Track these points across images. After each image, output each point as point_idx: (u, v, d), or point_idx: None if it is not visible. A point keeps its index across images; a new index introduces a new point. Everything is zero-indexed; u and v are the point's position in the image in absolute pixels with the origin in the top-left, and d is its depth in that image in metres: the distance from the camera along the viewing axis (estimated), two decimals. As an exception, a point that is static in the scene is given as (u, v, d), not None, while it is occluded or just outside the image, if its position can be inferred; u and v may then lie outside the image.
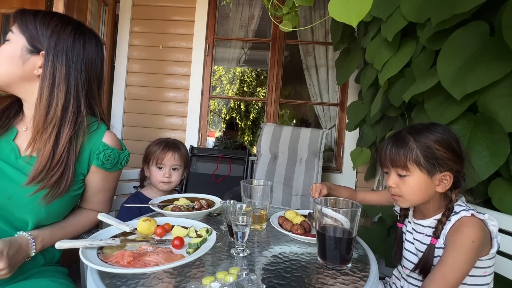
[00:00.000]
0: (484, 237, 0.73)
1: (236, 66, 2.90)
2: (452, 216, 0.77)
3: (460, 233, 0.73)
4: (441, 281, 0.72)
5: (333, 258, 0.67)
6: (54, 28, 0.79)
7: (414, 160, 0.78)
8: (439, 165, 0.77)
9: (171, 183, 1.26)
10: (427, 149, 0.77)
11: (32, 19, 0.77)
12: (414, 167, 0.78)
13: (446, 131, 0.80)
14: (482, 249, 0.74)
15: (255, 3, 2.66)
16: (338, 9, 0.56)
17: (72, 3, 1.93)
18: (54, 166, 0.76)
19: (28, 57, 0.77)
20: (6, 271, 0.66)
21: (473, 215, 0.74)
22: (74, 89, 0.81)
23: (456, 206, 0.78)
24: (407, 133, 0.81)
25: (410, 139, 0.79)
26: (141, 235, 0.73)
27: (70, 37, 0.80)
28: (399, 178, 0.81)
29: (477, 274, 0.77)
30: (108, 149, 0.86)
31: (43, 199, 0.76)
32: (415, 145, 0.78)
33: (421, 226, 0.85)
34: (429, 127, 0.81)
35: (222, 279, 0.57)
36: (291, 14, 1.39)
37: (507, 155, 0.84)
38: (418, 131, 0.80)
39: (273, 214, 0.96)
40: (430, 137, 0.78)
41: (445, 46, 0.99)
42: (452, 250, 0.73)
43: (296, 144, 2.19)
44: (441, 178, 0.78)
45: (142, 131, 2.54)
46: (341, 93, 2.52)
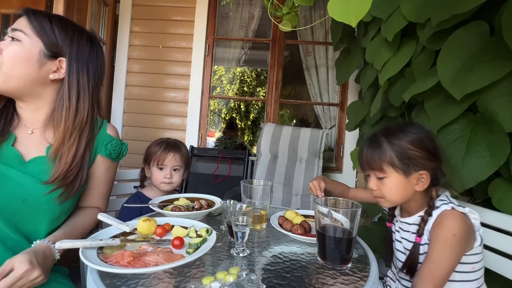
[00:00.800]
0: (466, 230, 0.73)
1: (236, 66, 2.90)
2: (434, 211, 0.78)
3: (441, 227, 0.74)
4: (429, 277, 0.73)
5: (333, 258, 0.67)
6: (72, 36, 0.81)
7: (388, 162, 0.79)
8: (413, 165, 0.78)
9: (172, 183, 1.26)
10: (400, 150, 0.78)
11: (49, 23, 0.78)
12: (390, 169, 0.79)
13: (419, 130, 0.81)
14: (466, 243, 0.75)
15: (255, 3, 2.66)
16: (338, 9, 0.56)
17: (72, 3, 1.93)
18: (72, 168, 0.80)
19: (45, 62, 0.77)
20: (42, 277, 0.67)
21: (453, 208, 0.75)
22: (92, 96, 0.86)
23: (438, 201, 0.79)
24: (382, 135, 0.83)
25: (384, 141, 0.81)
26: (141, 235, 0.73)
27: (87, 47, 0.85)
28: (378, 180, 0.82)
29: (465, 270, 0.78)
30: (114, 139, 0.92)
31: (57, 198, 0.79)
32: (388, 147, 0.79)
33: (406, 224, 0.86)
34: (402, 127, 0.82)
35: (222, 279, 0.57)
36: (291, 14, 1.39)
37: (507, 155, 0.84)
38: (392, 133, 0.82)
39: (273, 214, 0.96)
40: (404, 137, 0.79)
41: (445, 46, 0.99)
42: (435, 245, 0.75)
43: (296, 144, 2.19)
44: (418, 177, 0.79)
45: (142, 131, 2.54)
46: (341, 93, 2.52)
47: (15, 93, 0.79)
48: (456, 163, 0.91)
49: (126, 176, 1.36)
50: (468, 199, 1.10)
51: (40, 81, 0.79)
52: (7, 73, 0.74)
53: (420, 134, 0.80)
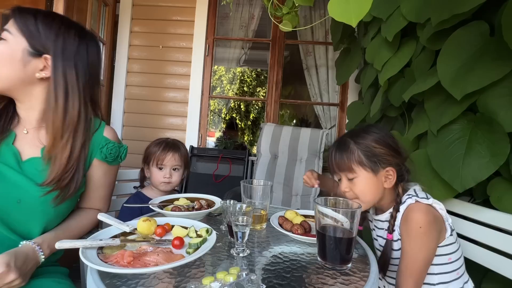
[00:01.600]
0: (432, 220, 0.76)
1: (236, 66, 2.90)
2: (400, 206, 0.81)
3: (408, 221, 0.77)
4: (406, 273, 0.76)
5: (333, 258, 0.67)
6: (58, 31, 0.77)
7: (357, 161, 0.83)
8: (380, 162, 0.82)
9: (172, 183, 1.26)
10: (366, 149, 0.83)
11: (33, 20, 0.75)
12: (359, 168, 0.83)
13: (380, 130, 0.87)
14: (438, 234, 0.77)
15: (255, 3, 2.66)
16: (338, 9, 0.56)
17: (72, 3, 1.93)
18: (68, 170, 0.78)
19: (30, 60, 0.75)
20: (19, 281, 0.66)
21: (417, 201, 0.78)
22: (84, 94, 0.82)
23: (405, 196, 0.83)
24: (347, 137, 0.87)
25: (350, 142, 0.85)
26: (141, 235, 0.73)
27: (75, 42, 0.80)
28: (349, 181, 0.85)
29: (441, 262, 0.80)
30: (110, 142, 0.88)
31: (53, 201, 0.77)
32: (355, 147, 0.84)
33: (380, 221, 0.89)
34: (365, 129, 0.88)
35: (222, 279, 0.57)
36: (291, 14, 1.39)
37: (507, 155, 0.84)
38: (356, 134, 0.87)
39: (273, 214, 0.96)
40: (368, 137, 0.84)
41: (445, 46, 0.99)
42: (405, 239, 0.78)
43: (296, 144, 2.19)
44: (386, 174, 0.83)
45: (142, 131, 2.54)
46: (341, 93, 2.52)
47: (6, 93, 0.78)
48: (456, 163, 0.91)
49: (126, 176, 1.36)
50: (468, 199, 1.10)
51: (28, 80, 0.76)
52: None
53: (382, 132, 0.85)
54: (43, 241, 0.75)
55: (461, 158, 0.91)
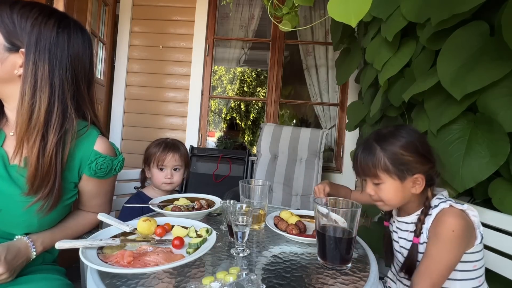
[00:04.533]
0: (466, 226, 0.73)
1: (236, 66, 2.90)
2: (432, 210, 0.78)
3: (440, 224, 0.75)
4: (426, 274, 0.74)
5: (333, 258, 0.67)
6: (34, 22, 0.69)
7: (383, 169, 0.79)
8: (408, 170, 0.78)
9: (173, 183, 1.26)
10: (393, 156, 0.79)
11: (8, 11, 0.68)
12: (385, 175, 0.79)
13: (410, 134, 0.81)
14: (468, 241, 0.75)
15: (255, 3, 2.66)
16: (338, 9, 0.56)
17: (72, 3, 1.93)
18: (45, 175, 0.70)
19: (7, 56, 0.69)
20: (6, 276, 0.65)
21: (451, 205, 0.76)
22: (58, 91, 0.72)
23: (436, 200, 0.80)
24: (374, 141, 0.83)
25: (377, 148, 0.81)
26: (141, 235, 0.73)
27: (53, 32, 0.71)
28: (375, 186, 0.82)
29: (466, 268, 0.78)
30: (100, 157, 0.80)
31: (38, 211, 0.72)
32: (381, 153, 0.79)
33: (404, 223, 0.87)
34: (394, 132, 0.82)
35: (222, 279, 0.57)
36: (291, 14, 1.39)
37: (507, 155, 0.84)
38: (384, 138, 0.82)
39: (268, 215, 0.96)
40: (395, 143, 0.79)
41: (445, 46, 0.99)
42: (433, 241, 0.75)
43: (296, 144, 2.19)
44: (414, 181, 0.79)
45: (142, 131, 2.54)
46: (341, 93, 2.52)
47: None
48: (456, 163, 0.91)
49: (126, 176, 1.36)
50: (468, 199, 1.10)
51: (7, 78, 0.70)
52: None
53: (411, 138, 0.80)
54: (37, 237, 0.75)
55: (461, 158, 0.91)
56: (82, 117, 0.81)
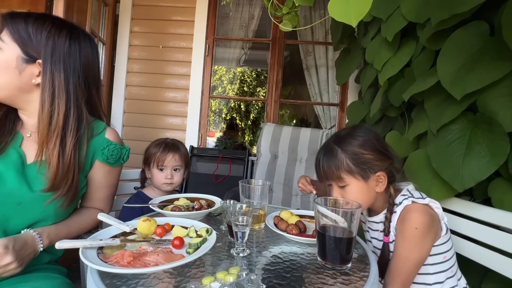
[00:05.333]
0: (430, 221, 0.74)
1: (236, 66, 2.90)
2: (397, 207, 0.79)
3: (404, 222, 0.76)
4: (396, 273, 0.75)
5: (333, 258, 0.67)
6: (48, 34, 0.75)
7: (346, 170, 0.81)
8: (369, 168, 0.80)
9: (174, 183, 1.26)
10: (354, 156, 0.80)
11: (23, 25, 0.73)
12: (349, 176, 0.81)
13: (367, 133, 0.83)
14: (434, 234, 0.76)
15: (255, 3, 2.66)
16: (338, 9, 0.56)
17: (72, 3, 1.93)
18: (65, 175, 0.77)
19: (25, 67, 0.74)
20: (15, 265, 0.66)
21: (413, 202, 0.76)
22: (74, 97, 0.79)
23: (399, 197, 0.81)
24: (334, 143, 0.84)
25: (338, 150, 0.82)
26: (141, 235, 0.73)
27: (66, 43, 0.78)
28: (341, 189, 0.83)
29: (437, 261, 0.79)
30: (111, 144, 0.88)
31: (59, 207, 0.78)
32: (343, 155, 0.81)
33: (374, 223, 0.88)
34: (351, 133, 0.84)
35: (222, 279, 0.57)
36: (291, 14, 1.39)
37: (507, 155, 0.84)
38: (342, 139, 0.83)
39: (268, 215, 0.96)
40: (354, 142, 0.81)
41: (445, 46, 0.99)
42: (399, 240, 0.76)
43: (296, 144, 2.19)
44: (376, 179, 0.81)
45: (142, 131, 2.54)
46: (341, 93, 2.52)
47: (6, 102, 0.78)
48: (456, 163, 0.91)
49: (126, 176, 1.36)
50: (468, 198, 1.10)
51: (25, 88, 0.76)
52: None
53: (368, 136, 0.82)
54: (43, 231, 0.76)
55: (461, 158, 0.91)
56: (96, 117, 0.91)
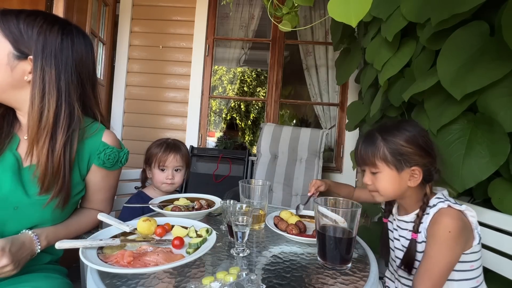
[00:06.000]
0: (463, 227, 0.74)
1: (236, 66, 2.90)
2: (431, 209, 0.79)
3: (437, 225, 0.75)
4: (426, 275, 0.74)
5: (333, 258, 0.67)
6: (39, 30, 0.73)
7: (381, 157, 0.81)
8: (405, 161, 0.80)
9: (174, 184, 1.26)
10: (393, 146, 0.81)
11: (15, 21, 0.72)
12: (383, 164, 0.81)
13: (413, 127, 0.83)
14: (465, 241, 0.75)
15: (255, 3, 2.66)
16: (338, 9, 0.56)
17: (72, 3, 1.93)
18: (55, 174, 0.75)
19: (16, 63, 0.72)
20: (11, 267, 0.66)
21: (449, 206, 0.76)
22: (65, 94, 0.77)
23: (434, 199, 0.80)
24: (377, 131, 0.85)
25: (378, 137, 0.83)
26: (141, 235, 0.73)
27: (57, 38, 0.76)
28: (372, 175, 0.85)
29: (464, 268, 0.78)
30: (108, 148, 0.86)
31: (56, 207, 0.77)
32: (382, 143, 0.82)
33: (404, 222, 0.87)
34: (398, 125, 0.84)
35: (222, 279, 0.57)
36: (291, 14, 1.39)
37: (507, 155, 0.84)
38: (387, 130, 0.84)
39: (268, 215, 0.96)
40: (397, 135, 0.81)
41: (445, 46, 0.99)
42: (431, 242, 0.75)
43: (296, 144, 2.19)
44: (411, 173, 0.81)
45: (142, 131, 2.54)
46: (341, 93, 2.52)
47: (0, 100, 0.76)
48: (456, 163, 0.91)
49: (126, 176, 1.36)
50: (468, 199, 1.10)
51: (18, 85, 0.74)
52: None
53: (414, 131, 0.82)
54: (41, 232, 0.76)
55: (461, 158, 0.91)
56: (90, 116, 0.88)
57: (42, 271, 0.79)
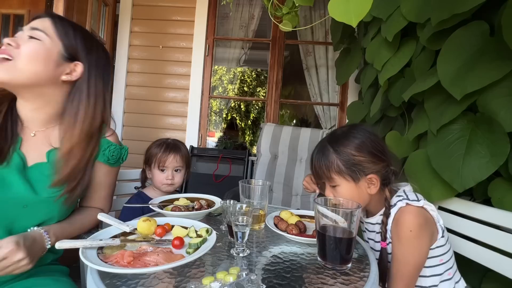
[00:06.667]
0: (423, 223, 0.74)
1: (236, 66, 2.90)
2: (391, 209, 0.78)
3: (398, 225, 0.75)
4: (397, 277, 0.75)
5: (333, 258, 0.67)
6: (91, 45, 0.85)
7: (336, 171, 0.80)
8: (360, 171, 0.79)
9: (174, 184, 1.26)
10: (345, 157, 0.79)
11: (72, 30, 0.81)
12: (339, 177, 0.80)
13: (363, 134, 0.81)
14: (429, 236, 0.75)
15: (255, 3, 2.66)
16: (338, 9, 0.56)
17: (72, 3, 1.93)
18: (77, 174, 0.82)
19: (62, 63, 0.79)
20: (27, 261, 0.67)
21: (408, 204, 0.75)
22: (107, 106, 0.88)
23: (394, 198, 0.80)
24: (328, 142, 0.83)
25: (330, 149, 0.82)
26: (141, 235, 0.73)
27: (104, 57, 0.89)
28: (332, 188, 0.83)
29: (433, 264, 0.78)
30: (112, 145, 0.91)
31: (64, 203, 0.81)
32: (334, 155, 0.80)
33: (370, 224, 0.88)
34: (346, 133, 0.83)
35: (222, 279, 0.57)
36: (291, 14, 1.39)
37: (507, 155, 0.84)
38: (336, 140, 0.82)
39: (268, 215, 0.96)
40: (347, 144, 0.80)
41: (445, 46, 0.99)
42: (396, 243, 0.76)
43: (296, 144, 2.19)
44: (368, 181, 0.80)
45: (142, 131, 2.54)
46: (341, 93, 2.52)
47: (20, 89, 0.78)
48: (456, 163, 0.91)
49: (126, 176, 1.36)
50: (468, 198, 1.10)
51: (52, 80, 0.79)
52: (21, 68, 0.73)
53: (363, 137, 0.81)
54: (49, 229, 0.78)
55: (461, 158, 0.91)
56: None
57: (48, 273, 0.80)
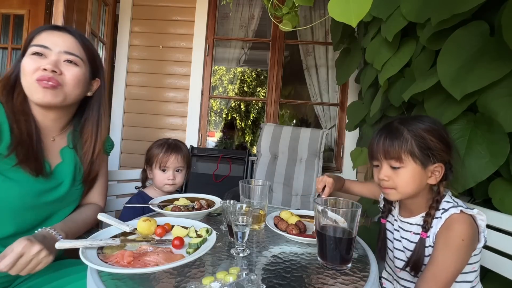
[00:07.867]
0: (473, 233, 0.72)
1: (236, 66, 2.90)
2: (442, 213, 0.76)
3: (450, 231, 0.73)
4: (432, 281, 0.72)
5: (333, 258, 0.67)
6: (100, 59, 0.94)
7: (409, 151, 0.76)
8: (432, 156, 0.75)
9: (176, 184, 1.26)
10: (421, 139, 0.76)
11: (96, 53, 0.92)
12: (409, 159, 0.76)
13: (435, 122, 0.79)
14: (472, 246, 0.74)
15: (255, 3, 2.66)
16: (338, 9, 0.56)
17: (72, 3, 1.93)
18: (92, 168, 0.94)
19: (89, 82, 0.90)
20: (46, 253, 0.68)
21: (462, 211, 0.73)
22: None
23: (444, 203, 0.78)
24: (399, 123, 0.79)
25: (404, 129, 0.77)
26: (141, 235, 0.73)
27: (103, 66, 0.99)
28: (392, 170, 0.79)
29: (466, 270, 0.77)
30: None
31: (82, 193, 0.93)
32: (409, 135, 0.76)
33: (408, 224, 0.85)
34: (418, 118, 0.80)
35: (222, 279, 0.57)
36: (291, 14, 1.39)
37: (507, 155, 0.84)
38: (409, 122, 0.79)
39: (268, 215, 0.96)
40: (422, 127, 0.77)
41: (445, 46, 0.99)
42: (442, 248, 0.73)
43: (296, 144, 2.19)
44: (433, 170, 0.77)
45: (142, 131, 2.54)
46: (341, 93, 2.52)
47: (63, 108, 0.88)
48: (456, 163, 0.91)
49: (126, 176, 1.36)
50: (468, 199, 1.10)
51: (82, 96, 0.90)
52: (69, 93, 0.83)
53: (437, 125, 0.78)
54: (55, 227, 0.79)
55: (461, 158, 0.91)
56: None
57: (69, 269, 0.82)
